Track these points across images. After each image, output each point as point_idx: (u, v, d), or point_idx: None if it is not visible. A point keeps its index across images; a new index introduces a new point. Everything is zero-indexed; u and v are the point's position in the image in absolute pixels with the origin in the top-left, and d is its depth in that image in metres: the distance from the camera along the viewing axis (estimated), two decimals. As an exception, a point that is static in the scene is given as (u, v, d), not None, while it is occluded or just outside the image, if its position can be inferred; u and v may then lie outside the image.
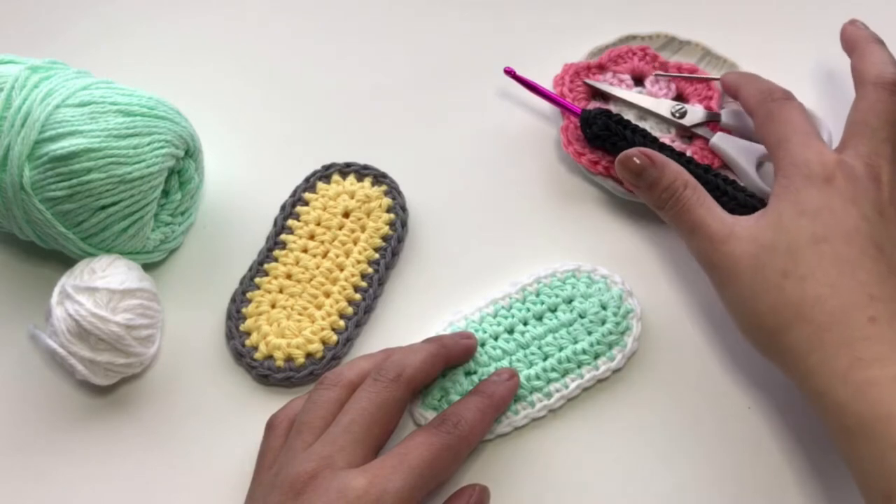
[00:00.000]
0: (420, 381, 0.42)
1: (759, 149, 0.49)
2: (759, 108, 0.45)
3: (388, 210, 0.49)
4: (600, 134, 0.49)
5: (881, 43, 0.47)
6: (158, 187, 0.45)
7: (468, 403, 0.42)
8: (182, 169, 0.48)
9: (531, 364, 0.45)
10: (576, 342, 0.45)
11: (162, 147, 0.45)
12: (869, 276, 0.38)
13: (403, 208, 0.50)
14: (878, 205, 0.40)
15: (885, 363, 0.36)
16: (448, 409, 0.42)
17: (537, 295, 0.47)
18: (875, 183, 0.41)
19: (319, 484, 0.37)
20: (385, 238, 0.49)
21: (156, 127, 0.45)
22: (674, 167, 0.44)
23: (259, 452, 0.42)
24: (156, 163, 0.44)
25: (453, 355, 0.44)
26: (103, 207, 0.44)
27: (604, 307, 0.46)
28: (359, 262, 0.48)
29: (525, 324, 0.46)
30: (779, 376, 0.42)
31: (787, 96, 0.45)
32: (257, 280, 0.48)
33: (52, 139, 0.43)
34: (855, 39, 0.47)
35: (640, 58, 0.54)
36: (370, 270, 0.48)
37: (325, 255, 0.48)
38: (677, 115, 0.51)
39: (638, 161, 0.44)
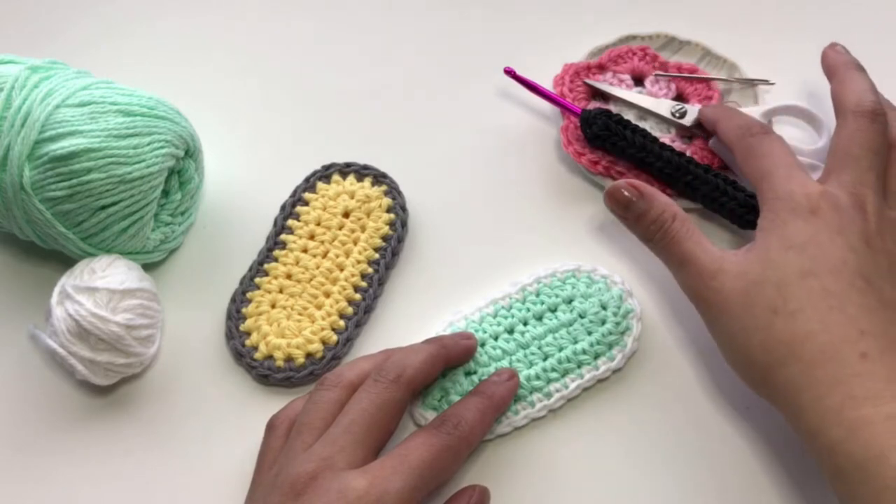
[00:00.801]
0: (420, 381, 0.42)
1: (759, 149, 0.49)
2: (739, 143, 0.45)
3: (388, 210, 0.49)
4: (600, 134, 0.49)
5: (861, 69, 0.46)
6: (158, 187, 0.45)
7: (468, 404, 0.42)
8: (182, 169, 0.48)
9: (531, 364, 0.45)
10: (576, 342, 0.45)
11: (162, 147, 0.45)
12: (858, 311, 0.38)
13: (403, 208, 0.50)
14: (864, 235, 0.40)
15: (877, 401, 0.36)
16: (448, 410, 0.42)
17: (537, 295, 0.47)
18: (860, 213, 0.40)
19: (320, 484, 0.37)
20: (385, 238, 0.49)
21: (156, 127, 0.45)
22: (662, 199, 0.44)
23: (259, 453, 0.42)
24: (156, 163, 0.44)
25: (453, 356, 0.44)
26: (103, 207, 0.44)
27: (604, 307, 0.46)
28: (359, 262, 0.48)
29: (525, 324, 0.46)
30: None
31: (766, 130, 0.45)
32: (257, 280, 0.48)
33: (52, 139, 0.43)
34: (835, 65, 0.47)
35: (640, 58, 0.54)
36: (370, 270, 0.48)
37: (325, 255, 0.48)
38: (677, 115, 0.51)
39: (626, 193, 0.44)
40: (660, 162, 0.48)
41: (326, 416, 0.40)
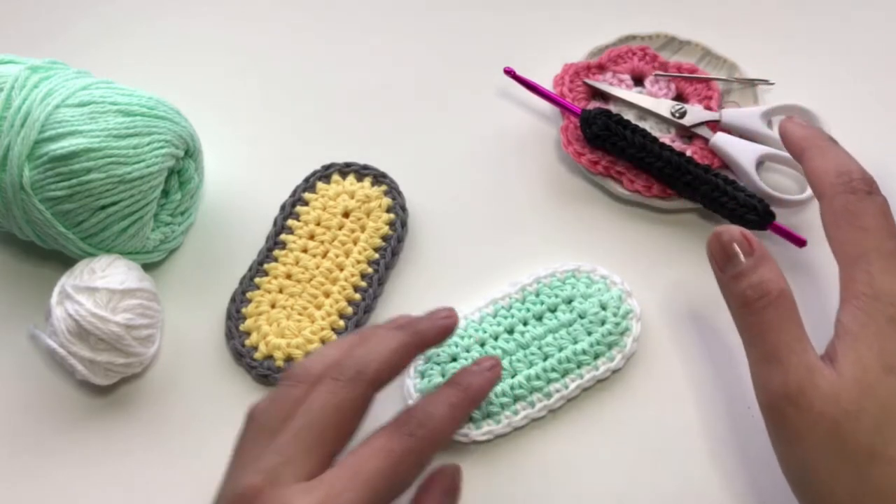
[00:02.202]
0: (387, 376, 0.38)
1: (759, 149, 0.49)
2: (835, 197, 0.38)
3: (388, 210, 0.49)
4: (600, 134, 0.49)
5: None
6: (158, 187, 0.45)
7: (439, 397, 0.38)
8: (182, 169, 0.48)
9: (531, 364, 0.45)
10: (575, 342, 0.45)
11: (162, 147, 0.45)
12: None
13: (403, 208, 0.50)
14: None
15: None
16: (415, 405, 0.38)
17: (537, 295, 0.47)
18: None
19: (263, 503, 0.33)
20: (385, 238, 0.49)
21: (156, 127, 0.45)
22: (773, 265, 0.37)
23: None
24: (156, 163, 0.44)
25: (430, 340, 0.40)
26: (103, 207, 0.44)
27: (603, 307, 0.46)
28: (358, 262, 0.48)
29: (525, 324, 0.46)
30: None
31: (870, 187, 0.38)
32: (257, 280, 0.48)
33: (52, 139, 0.43)
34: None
35: (639, 58, 0.54)
36: (370, 270, 0.48)
37: (324, 255, 0.48)
38: (677, 115, 0.51)
39: (736, 245, 0.37)
40: (659, 162, 0.48)
41: (286, 417, 0.36)
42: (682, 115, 0.51)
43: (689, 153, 0.50)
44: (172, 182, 0.48)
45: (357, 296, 0.47)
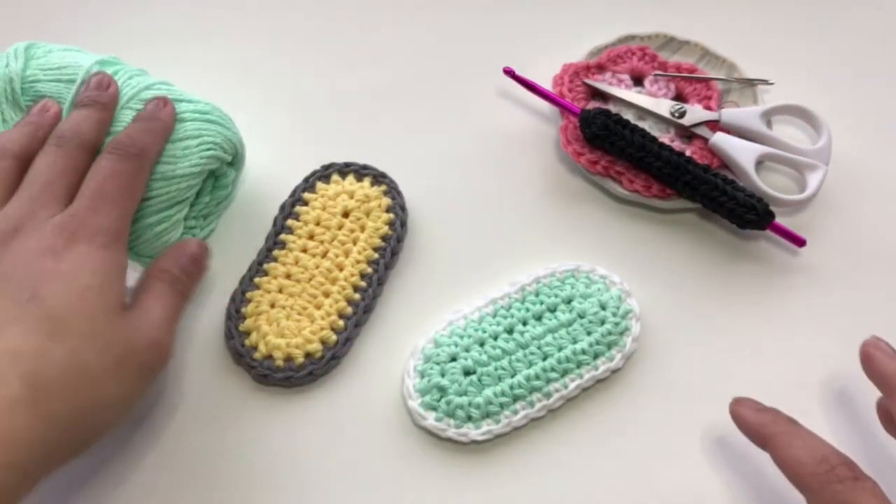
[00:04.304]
0: (97, 137, 0.43)
1: (758, 148, 0.49)
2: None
3: (388, 210, 0.49)
4: (599, 133, 0.49)
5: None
6: (195, 187, 0.45)
7: (138, 127, 0.43)
8: (221, 174, 0.48)
9: (530, 364, 0.45)
10: (575, 342, 0.45)
11: (210, 149, 0.45)
12: None
13: (403, 208, 0.50)
14: None
15: None
16: (117, 138, 0.43)
17: (536, 295, 0.47)
18: None
19: (30, 226, 0.38)
20: (384, 238, 0.49)
21: (206, 130, 0.45)
22: (816, 436, 0.36)
23: None
24: (199, 163, 0.45)
25: (111, 105, 0.44)
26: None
27: (603, 307, 0.46)
28: (358, 261, 0.48)
29: (524, 324, 0.46)
30: (776, 377, 0.42)
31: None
32: (257, 280, 0.48)
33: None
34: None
35: (639, 58, 0.54)
36: (369, 270, 0.48)
37: (324, 255, 0.48)
38: (676, 114, 0.51)
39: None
40: (659, 161, 0.48)
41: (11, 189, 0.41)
42: (682, 114, 0.51)
43: (688, 153, 0.50)
44: (207, 184, 0.48)
45: (357, 296, 0.47)
